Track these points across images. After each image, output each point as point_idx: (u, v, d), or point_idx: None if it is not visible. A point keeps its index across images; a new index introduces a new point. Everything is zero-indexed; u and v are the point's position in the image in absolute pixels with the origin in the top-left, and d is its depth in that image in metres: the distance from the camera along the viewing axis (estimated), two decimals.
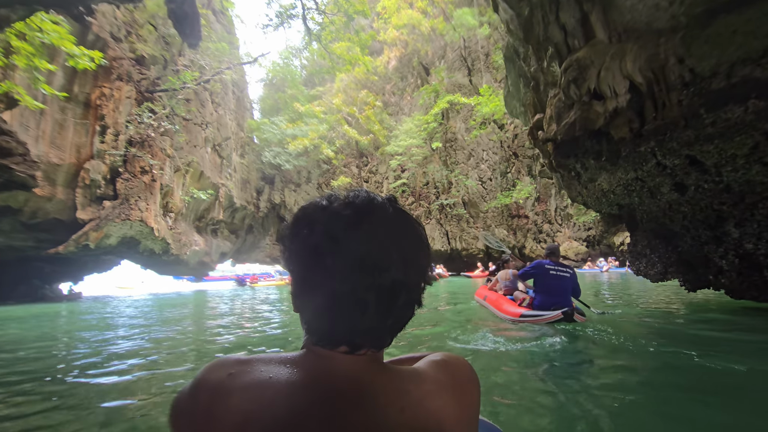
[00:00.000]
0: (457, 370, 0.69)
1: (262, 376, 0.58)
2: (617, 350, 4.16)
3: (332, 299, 0.60)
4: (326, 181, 33.89)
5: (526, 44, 8.03)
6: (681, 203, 5.91)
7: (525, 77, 8.59)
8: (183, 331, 7.08)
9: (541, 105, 8.20)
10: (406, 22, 27.08)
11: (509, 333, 5.41)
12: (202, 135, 26.15)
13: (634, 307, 7.55)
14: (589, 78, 6.11)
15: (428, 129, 27.13)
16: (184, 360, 4.77)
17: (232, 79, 29.08)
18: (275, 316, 8.85)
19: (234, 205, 30.96)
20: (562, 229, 29.02)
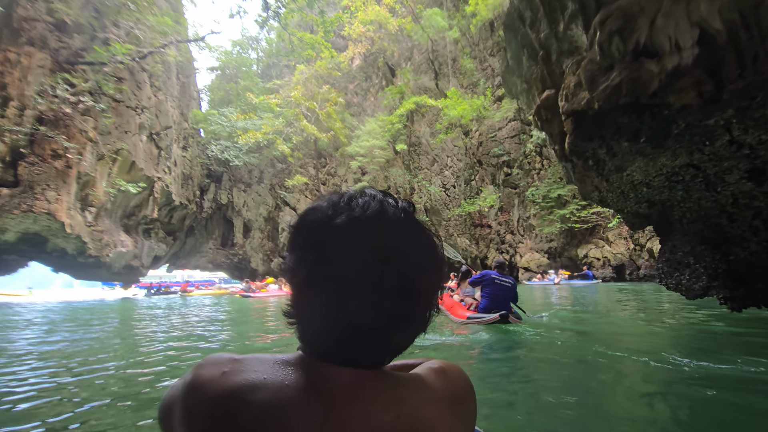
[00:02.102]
0: (455, 378, 0.68)
1: (257, 377, 0.56)
2: (534, 345, 5.21)
3: (329, 318, 0.58)
4: (280, 181, 31.33)
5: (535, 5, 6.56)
6: (755, 196, 4.52)
7: (530, 47, 7.11)
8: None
9: (552, 78, 6.72)
10: (373, 18, 25.62)
11: (457, 331, 6.39)
12: (136, 120, 22.86)
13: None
14: (638, 29, 4.64)
15: (392, 130, 25.64)
16: None
17: (177, 63, 25.99)
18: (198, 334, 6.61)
19: (172, 202, 27.55)
20: (524, 239, 28.52)
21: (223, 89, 31.44)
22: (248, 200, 32.64)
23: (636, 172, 5.59)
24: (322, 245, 0.57)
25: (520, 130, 28.08)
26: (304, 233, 0.61)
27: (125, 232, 25.07)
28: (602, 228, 24.01)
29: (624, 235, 22.61)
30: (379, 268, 0.56)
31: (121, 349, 5.71)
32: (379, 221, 0.58)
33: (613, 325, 7.15)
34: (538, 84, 6.92)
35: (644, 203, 6.05)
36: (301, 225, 0.62)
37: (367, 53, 29.04)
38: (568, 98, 5.65)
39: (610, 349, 4.61)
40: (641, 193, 5.87)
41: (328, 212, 0.59)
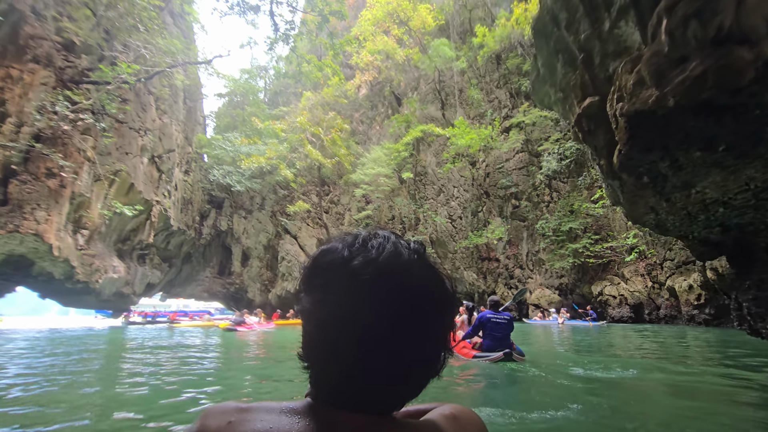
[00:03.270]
0: (467, 424, 0.67)
1: (263, 426, 0.56)
2: (537, 383, 5.28)
3: (346, 362, 0.58)
4: (282, 208, 30.56)
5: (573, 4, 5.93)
6: None
7: (566, 52, 6.42)
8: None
9: (595, 84, 5.97)
10: (381, 48, 25.79)
11: (463, 372, 6.30)
12: (138, 142, 22.40)
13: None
14: (722, 11, 3.90)
15: (398, 158, 25.15)
16: None
17: (184, 87, 25.92)
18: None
19: (170, 227, 26.66)
20: (533, 275, 27.33)
21: (229, 115, 31.37)
22: (248, 227, 31.77)
23: (710, 188, 4.70)
24: (341, 289, 0.57)
25: (528, 161, 27.59)
26: (322, 275, 0.61)
27: (118, 257, 24.05)
28: (616, 264, 22.92)
29: (641, 271, 21.48)
30: (397, 311, 0.56)
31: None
32: (395, 264, 0.58)
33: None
34: (578, 91, 6.18)
35: (717, 227, 5.12)
36: (317, 266, 0.62)
37: (374, 82, 29.13)
38: (626, 99, 4.86)
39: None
40: (715, 215, 4.96)
41: (344, 254, 0.60)
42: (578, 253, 23.15)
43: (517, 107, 27.53)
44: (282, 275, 28.81)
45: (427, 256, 0.64)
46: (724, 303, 14.99)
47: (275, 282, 29.90)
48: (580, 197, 24.71)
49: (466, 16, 27.64)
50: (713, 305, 15.62)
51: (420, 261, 0.61)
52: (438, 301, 0.61)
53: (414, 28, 26.26)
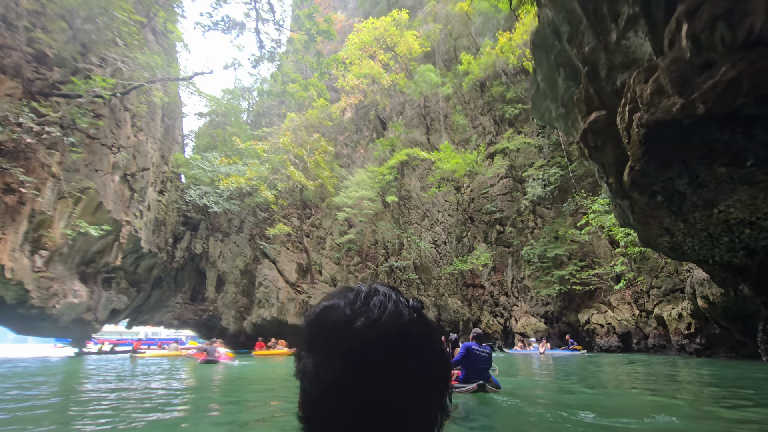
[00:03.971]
0: None
1: None
2: (509, 413, 5.51)
3: (342, 423, 0.58)
4: (261, 231, 29.48)
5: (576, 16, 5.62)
6: None
7: (568, 66, 6.09)
8: None
9: (602, 97, 5.60)
10: (367, 72, 25.82)
11: None
12: (110, 159, 21.32)
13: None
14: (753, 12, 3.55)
15: (383, 182, 24.71)
16: None
17: (163, 104, 25.15)
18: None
19: (140, 250, 25.20)
20: (518, 302, 26.81)
21: (209, 135, 30.58)
22: (225, 251, 30.44)
23: (735, 207, 4.24)
24: (344, 351, 0.58)
25: (513, 187, 27.60)
26: (324, 335, 0.61)
27: (81, 280, 22.42)
28: (603, 291, 22.64)
29: (628, 299, 21.22)
30: (399, 373, 0.58)
31: None
32: (397, 325, 0.59)
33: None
34: (582, 105, 5.79)
35: (741, 251, 4.66)
36: (319, 326, 0.63)
37: (359, 105, 29.02)
38: (643, 109, 4.43)
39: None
40: (740, 237, 4.49)
41: (346, 312, 0.60)
42: (564, 280, 22.82)
43: (501, 134, 27.77)
44: (259, 302, 27.44)
45: (426, 315, 0.65)
46: (715, 332, 14.68)
47: (251, 309, 28.44)
48: (564, 223, 24.64)
49: (451, 44, 28.16)
50: (704, 335, 15.29)
51: (419, 321, 0.63)
52: (435, 364, 0.63)
53: (400, 54, 26.49)
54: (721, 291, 13.07)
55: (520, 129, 27.66)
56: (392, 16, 24.95)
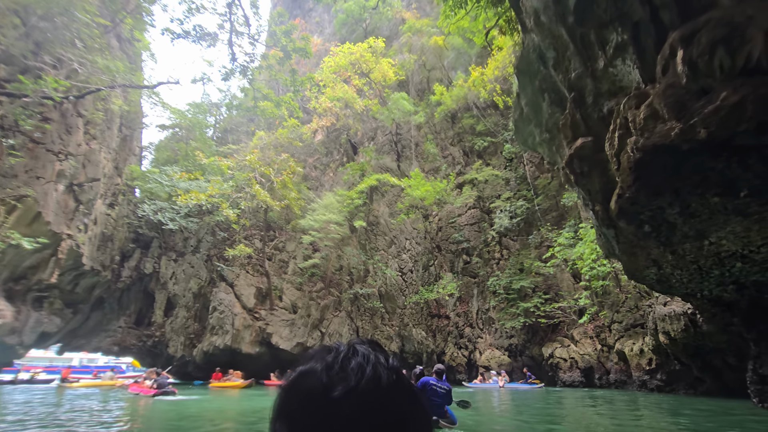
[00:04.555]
0: None
1: None
2: None
3: None
4: (219, 252, 27.86)
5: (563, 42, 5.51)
6: None
7: (553, 91, 5.94)
8: None
9: (588, 123, 5.43)
10: (341, 96, 25.75)
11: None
12: (55, 167, 19.64)
13: None
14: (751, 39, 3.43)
15: (351, 206, 24.20)
16: None
17: (122, 113, 23.75)
18: None
19: (81, 267, 23.01)
20: (483, 334, 26.50)
21: (170, 149, 29.08)
22: (178, 271, 28.44)
23: (727, 239, 4.04)
24: (320, 421, 0.57)
25: (480, 218, 27.86)
26: (301, 404, 0.60)
27: (7, 298, 20.04)
28: (566, 325, 22.77)
29: (590, 333, 21.39)
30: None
31: None
32: (375, 390, 0.59)
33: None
34: (568, 131, 5.60)
35: (731, 285, 4.45)
36: (295, 393, 0.61)
37: (330, 128, 28.76)
38: (637, 134, 4.22)
39: None
40: (731, 270, 4.28)
41: (322, 380, 0.59)
42: (529, 312, 22.83)
43: (470, 164, 28.24)
44: (212, 328, 25.53)
45: (404, 377, 0.65)
46: (675, 369, 14.85)
47: (203, 336, 26.40)
48: (530, 256, 24.95)
49: (425, 74, 28.81)
50: (665, 371, 15.45)
51: (398, 384, 0.62)
52: (413, 422, 0.62)
53: (375, 80, 26.71)
54: (682, 327, 13.30)
55: (488, 161, 28.27)
56: (369, 42, 25.27)
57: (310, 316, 25.49)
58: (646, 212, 4.58)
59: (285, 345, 24.65)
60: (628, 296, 19.53)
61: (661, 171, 4.12)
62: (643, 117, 4.13)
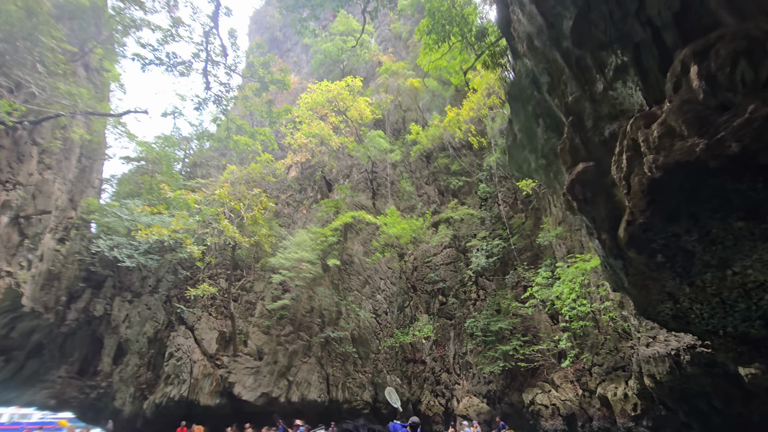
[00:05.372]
0: None
1: None
2: None
3: None
4: (180, 293, 25.90)
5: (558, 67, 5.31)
6: None
7: (549, 116, 5.68)
8: None
9: (589, 148, 5.11)
10: (317, 132, 25.61)
11: None
12: (1, 197, 17.96)
13: None
14: None
15: (324, 244, 23.33)
16: None
17: (83, 142, 22.48)
18: None
19: (20, 308, 20.63)
20: (460, 380, 25.33)
21: (134, 182, 27.64)
22: (132, 314, 26.06)
23: (754, 268, 3.63)
24: None
25: (456, 257, 27.52)
26: None
27: None
28: (546, 369, 22.07)
29: (570, 377, 20.74)
30: None
31: None
32: None
33: None
34: (567, 156, 5.26)
35: (758, 320, 4.00)
36: None
37: (305, 164, 28.35)
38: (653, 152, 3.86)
39: None
40: (759, 303, 3.85)
41: None
42: (508, 356, 22.05)
43: (446, 204, 28.26)
44: (167, 377, 23.13)
45: None
46: (661, 414, 14.31)
47: (155, 386, 23.83)
48: (507, 296, 24.54)
49: (401, 114, 29.35)
50: (650, 416, 14.88)
51: None
52: None
53: (351, 118, 26.87)
54: (668, 369, 12.91)
55: (463, 200, 28.40)
56: (346, 81, 25.63)
57: (277, 362, 23.64)
58: (659, 240, 4.16)
59: (248, 396, 22.55)
60: (607, 337, 19.23)
61: (677, 193, 3.74)
62: (657, 135, 3.80)
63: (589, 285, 19.49)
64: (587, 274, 18.76)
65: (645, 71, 4.48)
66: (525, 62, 5.86)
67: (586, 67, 4.91)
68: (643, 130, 4.07)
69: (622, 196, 4.48)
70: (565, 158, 5.17)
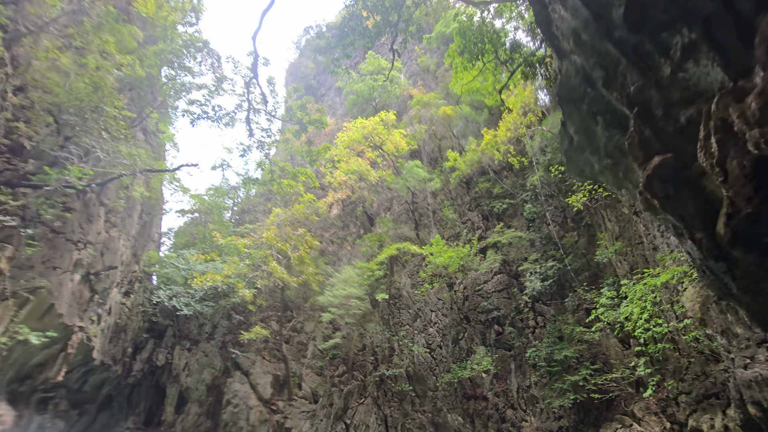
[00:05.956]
0: None
1: None
2: None
3: None
4: (234, 338, 26.36)
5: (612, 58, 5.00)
6: None
7: (608, 112, 5.30)
8: None
9: (662, 139, 4.65)
10: (355, 169, 26.19)
11: None
12: (73, 256, 19.45)
13: None
14: None
15: (371, 279, 23.12)
16: None
17: (143, 200, 24.21)
18: None
19: (91, 361, 21.73)
20: (527, 416, 23.37)
21: (189, 234, 29.29)
22: (191, 361, 26.73)
23: None
24: None
25: (508, 283, 26.24)
26: None
27: (9, 401, 18.63)
28: (623, 400, 19.92)
29: (653, 409, 18.52)
30: None
31: None
32: None
33: None
34: (637, 152, 4.83)
35: None
36: None
37: (346, 201, 28.88)
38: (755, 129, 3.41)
39: None
40: None
41: None
42: (579, 387, 20.17)
43: (491, 228, 27.40)
44: (225, 425, 23.16)
45: None
46: None
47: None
48: (568, 321, 22.84)
49: (436, 143, 29.49)
50: None
51: None
52: None
53: (388, 152, 27.30)
54: None
55: (509, 223, 27.43)
56: (380, 116, 26.33)
57: (332, 405, 23.06)
58: None
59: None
60: (691, 360, 17.15)
61: None
62: (757, 107, 3.35)
63: (662, 303, 17.73)
64: (658, 290, 17.11)
65: (720, 45, 4.07)
66: (573, 60, 5.60)
67: (646, 53, 4.57)
68: (735, 105, 3.63)
69: (714, 186, 3.98)
70: (636, 154, 4.74)
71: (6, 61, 15.69)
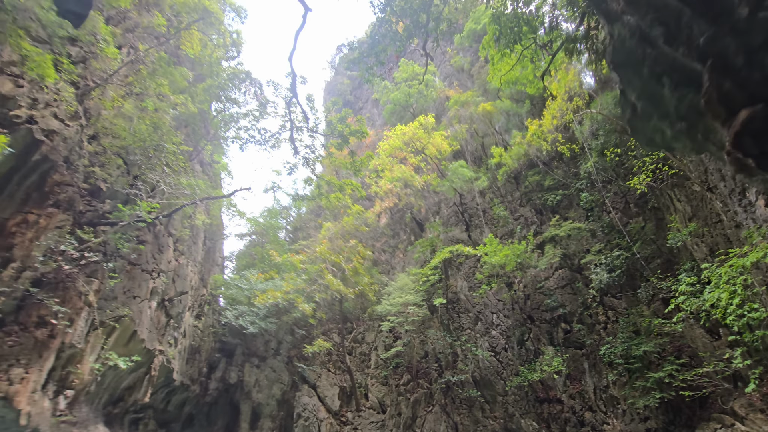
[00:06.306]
0: None
1: None
2: None
3: None
4: (299, 352, 27.10)
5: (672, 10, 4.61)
6: None
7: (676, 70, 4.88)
8: None
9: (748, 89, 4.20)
10: (399, 176, 26.25)
11: None
12: (149, 285, 21.01)
13: None
14: None
15: (427, 284, 22.87)
16: None
17: (205, 227, 25.79)
18: None
19: (172, 382, 23.24)
20: (608, 418, 21.79)
21: (249, 255, 30.81)
22: (261, 378, 27.78)
23: None
24: None
25: (571, 278, 24.85)
26: None
27: (106, 423, 20.27)
28: (719, 397, 18.00)
29: (758, 405, 16.54)
30: None
31: None
32: None
33: None
34: (717, 108, 4.39)
35: None
36: None
37: (394, 209, 28.98)
38: None
39: None
40: None
41: None
42: (664, 384, 18.52)
43: (546, 222, 26.21)
44: None
45: None
46: None
47: None
48: (643, 313, 21.16)
49: (478, 141, 28.88)
50: None
51: None
52: None
53: (430, 155, 27.15)
54: None
55: (565, 215, 26.09)
56: (419, 121, 26.30)
57: (401, 414, 22.90)
58: None
59: None
60: None
61: None
62: None
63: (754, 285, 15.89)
64: (748, 272, 15.37)
65: None
66: (625, 21, 5.20)
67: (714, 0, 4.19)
68: None
69: None
70: (716, 111, 4.29)
71: (80, 113, 17.48)
